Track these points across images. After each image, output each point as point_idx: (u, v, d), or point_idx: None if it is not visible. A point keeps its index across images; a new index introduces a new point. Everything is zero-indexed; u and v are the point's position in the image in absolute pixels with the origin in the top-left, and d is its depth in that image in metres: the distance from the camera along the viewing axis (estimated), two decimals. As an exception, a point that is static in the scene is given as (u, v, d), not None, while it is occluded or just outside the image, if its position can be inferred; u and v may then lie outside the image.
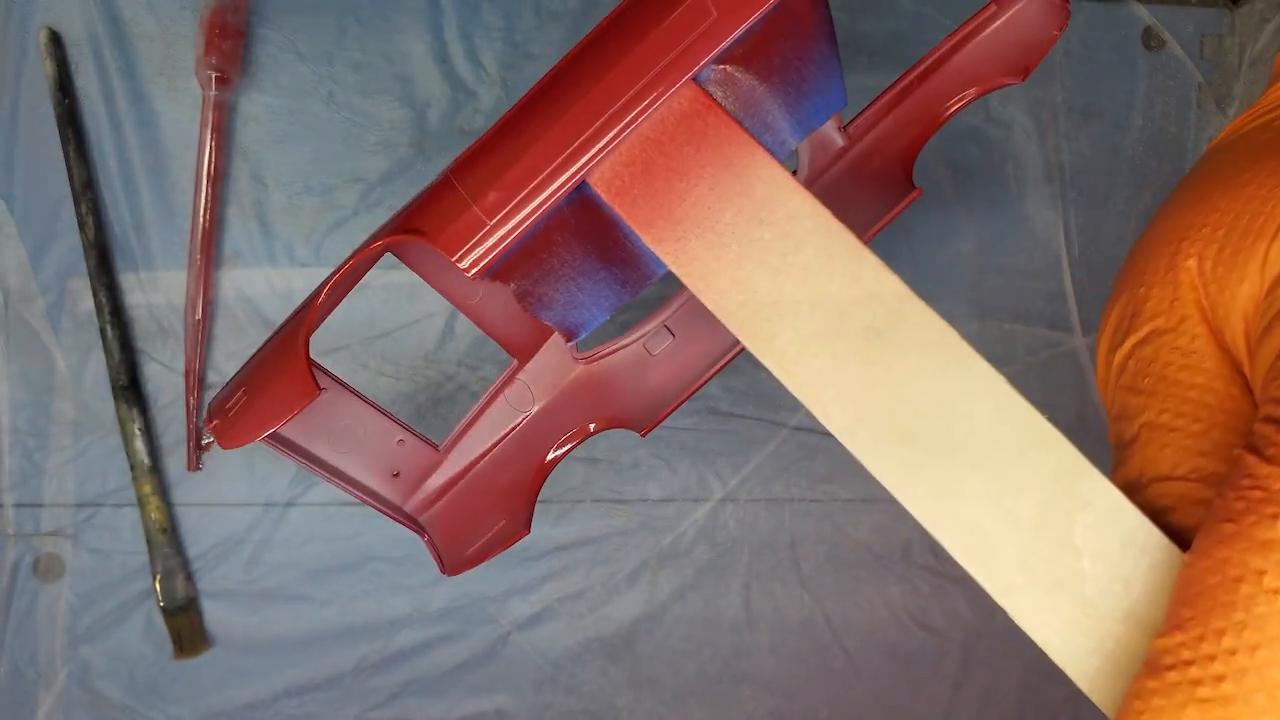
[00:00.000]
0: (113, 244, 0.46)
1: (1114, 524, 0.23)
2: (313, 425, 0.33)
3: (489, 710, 0.49)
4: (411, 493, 0.36)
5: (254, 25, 0.47)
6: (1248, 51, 0.54)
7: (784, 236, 0.24)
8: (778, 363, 0.25)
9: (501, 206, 0.25)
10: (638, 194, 0.25)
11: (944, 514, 0.24)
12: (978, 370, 0.24)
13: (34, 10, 0.45)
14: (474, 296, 0.34)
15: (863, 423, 0.24)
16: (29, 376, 0.45)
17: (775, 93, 0.28)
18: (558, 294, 0.30)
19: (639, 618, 0.50)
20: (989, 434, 0.23)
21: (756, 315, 0.25)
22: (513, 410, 0.37)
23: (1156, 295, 0.25)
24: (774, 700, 0.51)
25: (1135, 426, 0.24)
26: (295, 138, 0.47)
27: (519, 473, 0.36)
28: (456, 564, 0.35)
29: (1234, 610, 0.19)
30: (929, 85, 0.35)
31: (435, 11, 0.48)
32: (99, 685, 0.46)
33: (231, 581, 0.47)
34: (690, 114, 0.25)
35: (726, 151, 0.25)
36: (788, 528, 0.51)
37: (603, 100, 0.24)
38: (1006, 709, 0.53)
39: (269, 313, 0.47)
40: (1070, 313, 0.53)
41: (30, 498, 0.46)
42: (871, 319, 0.24)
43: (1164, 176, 0.53)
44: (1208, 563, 0.20)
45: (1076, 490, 0.23)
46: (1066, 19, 0.33)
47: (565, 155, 0.25)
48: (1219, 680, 0.19)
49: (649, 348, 0.36)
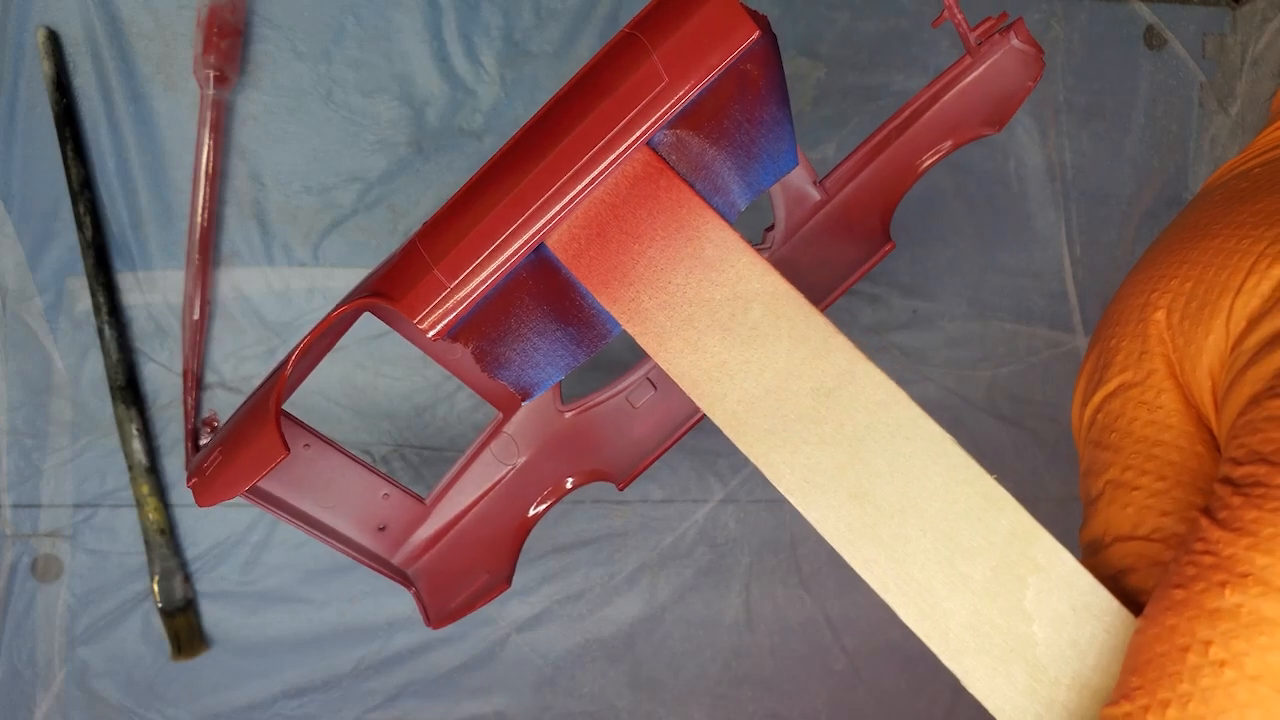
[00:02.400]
0: (110, 243, 0.46)
1: (1066, 588, 0.22)
2: (296, 480, 0.33)
3: (488, 712, 0.49)
4: (398, 547, 0.36)
5: (252, 24, 0.46)
6: (1249, 50, 0.53)
7: (733, 298, 0.25)
8: (727, 422, 0.25)
9: (460, 269, 0.25)
10: (593, 256, 0.26)
11: (895, 576, 0.24)
12: (928, 431, 0.24)
13: (32, 9, 0.45)
14: (455, 353, 0.34)
15: (812, 483, 0.24)
16: (26, 376, 0.45)
17: (727, 155, 0.28)
18: (515, 354, 0.30)
19: (639, 619, 0.50)
20: (941, 495, 0.23)
21: (707, 375, 0.25)
22: (498, 463, 0.37)
23: (1126, 348, 0.25)
24: (774, 701, 0.51)
25: (1100, 483, 0.24)
26: (293, 137, 0.47)
27: (502, 527, 0.36)
28: (441, 617, 0.35)
29: (1180, 681, 0.19)
30: (905, 139, 0.35)
31: (434, 11, 0.48)
32: (97, 686, 0.46)
33: (229, 583, 0.47)
34: (643, 177, 0.25)
35: (678, 214, 0.25)
36: (788, 528, 0.51)
37: (559, 165, 0.25)
38: (1008, 710, 0.52)
39: (267, 312, 0.47)
40: (1072, 312, 0.52)
41: (28, 498, 0.45)
42: (820, 379, 0.24)
43: (1166, 175, 0.53)
44: (1156, 630, 0.20)
45: (1029, 553, 0.23)
46: (1041, 69, 0.33)
47: (523, 219, 0.25)
48: None
49: (631, 400, 0.36)
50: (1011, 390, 0.51)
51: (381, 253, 0.48)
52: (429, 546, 0.36)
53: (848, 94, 0.51)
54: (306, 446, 0.34)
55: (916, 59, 0.51)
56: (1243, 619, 0.18)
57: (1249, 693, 0.18)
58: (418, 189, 0.48)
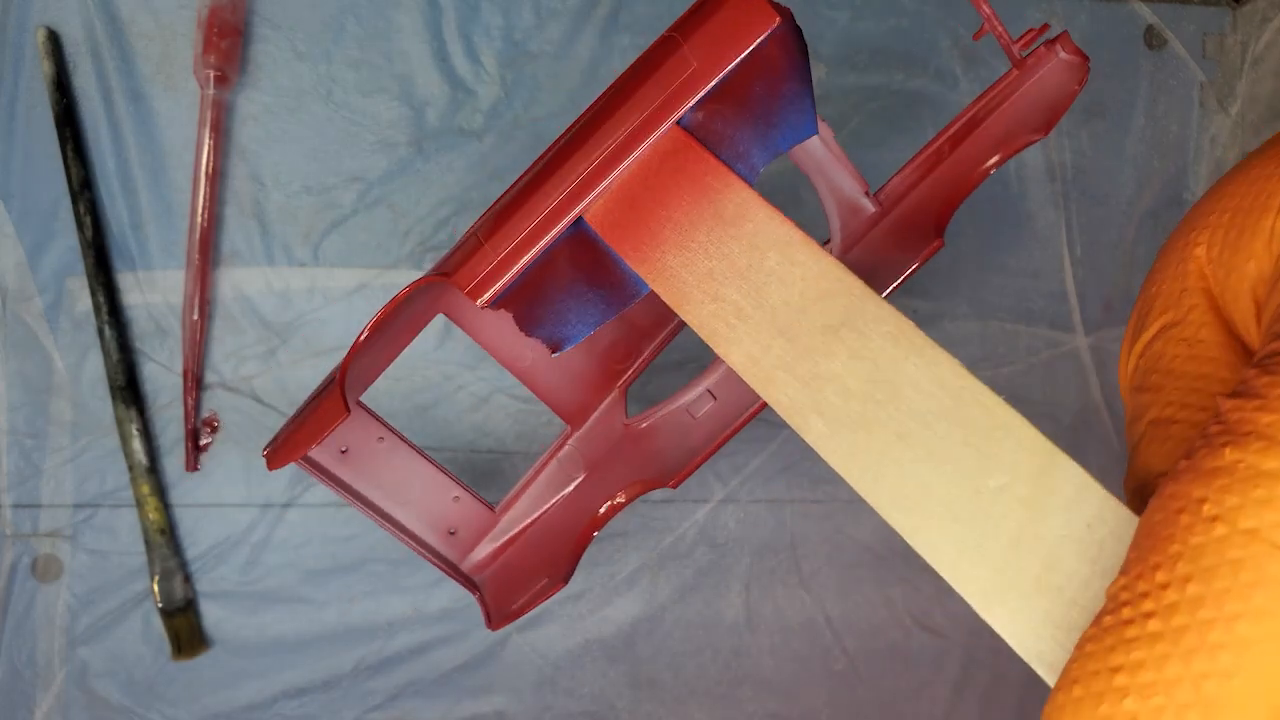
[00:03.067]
0: (111, 243, 0.46)
1: (1081, 505, 0.23)
2: (370, 471, 0.36)
3: (488, 712, 0.49)
4: (467, 552, 0.38)
5: (252, 24, 0.46)
6: (1250, 50, 0.53)
7: (750, 249, 0.27)
8: (743, 364, 0.26)
9: (507, 244, 0.28)
10: (625, 225, 0.28)
11: (906, 500, 0.24)
12: (936, 358, 0.25)
13: (32, 9, 0.45)
14: (524, 359, 0.37)
15: (823, 414, 0.25)
16: (26, 376, 0.45)
17: (749, 126, 0.30)
18: (550, 314, 0.32)
19: (639, 619, 0.50)
20: (952, 418, 0.24)
21: (724, 322, 0.27)
22: (565, 474, 0.39)
23: (1166, 291, 0.24)
24: (774, 701, 0.51)
25: (1141, 426, 0.24)
26: (294, 137, 0.47)
27: (566, 534, 0.37)
28: (502, 618, 0.36)
29: (1171, 543, 0.18)
30: (960, 152, 0.36)
31: (434, 10, 0.48)
32: (97, 686, 0.46)
33: (230, 582, 0.47)
34: (672, 152, 0.28)
35: (702, 180, 0.28)
36: (788, 528, 0.51)
37: (597, 149, 0.28)
38: (1007, 710, 0.52)
39: (267, 312, 0.47)
40: (1072, 312, 0.52)
41: (28, 498, 0.45)
42: (829, 317, 0.26)
43: (1166, 175, 0.53)
44: (1157, 501, 0.19)
45: (1044, 471, 0.23)
46: (1086, 74, 0.34)
47: (564, 197, 0.28)
48: (1147, 618, 0.18)
49: (691, 411, 0.38)
50: (1011, 390, 0.51)
51: (382, 252, 0.48)
52: (496, 555, 0.38)
53: (848, 94, 0.51)
54: (381, 440, 0.36)
55: (917, 59, 0.51)
56: (1239, 474, 0.17)
57: (1240, 548, 0.17)
58: (418, 189, 0.48)
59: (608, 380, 0.39)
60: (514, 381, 0.48)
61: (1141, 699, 0.17)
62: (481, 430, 0.48)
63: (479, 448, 0.48)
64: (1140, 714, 0.17)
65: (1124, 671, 0.18)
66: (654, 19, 0.49)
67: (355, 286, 0.47)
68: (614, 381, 0.39)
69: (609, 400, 0.39)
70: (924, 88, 0.51)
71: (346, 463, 0.35)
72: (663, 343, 0.39)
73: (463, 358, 0.48)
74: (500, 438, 0.48)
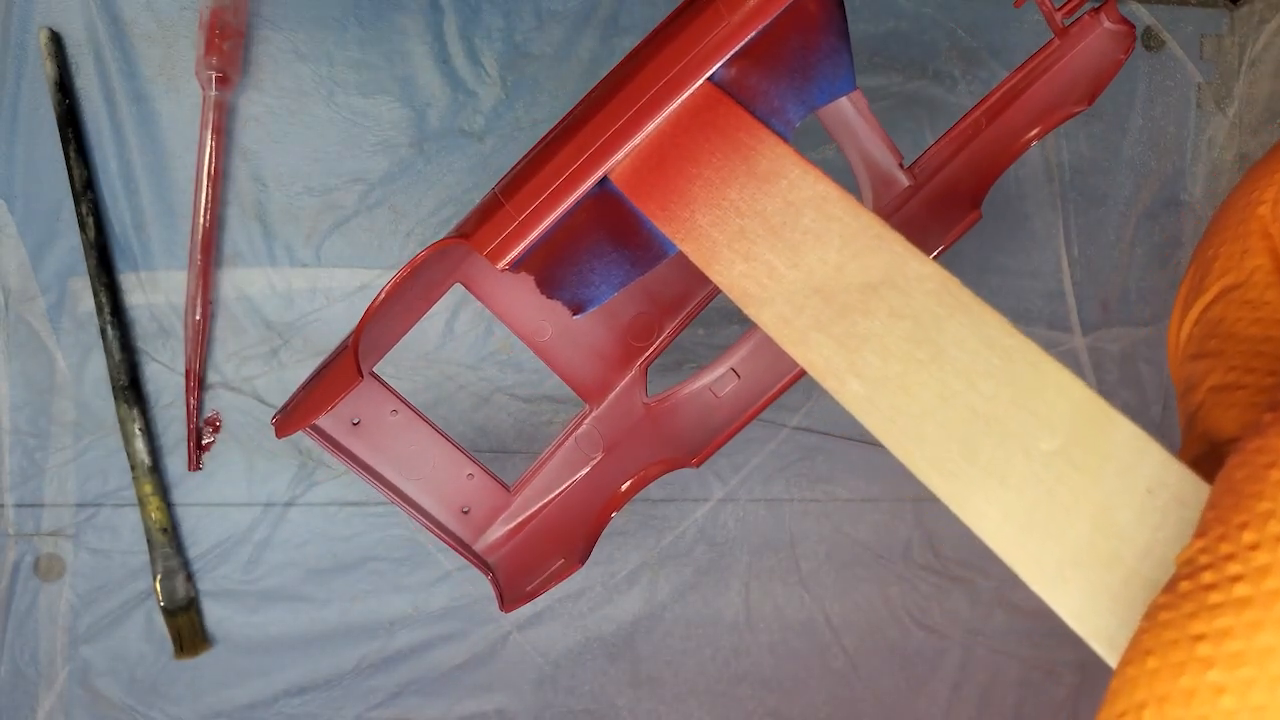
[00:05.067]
0: (113, 244, 0.46)
1: (1140, 468, 0.21)
2: (381, 444, 0.35)
3: (489, 710, 0.49)
4: (481, 532, 0.37)
5: (254, 25, 0.47)
6: (1247, 51, 0.54)
7: (785, 206, 0.26)
8: (774, 324, 0.25)
9: (528, 205, 0.27)
10: (652, 184, 0.27)
11: (957, 474, 0.22)
12: (983, 315, 0.23)
13: (34, 10, 0.45)
14: (543, 334, 0.36)
15: (860, 376, 0.24)
16: (29, 376, 0.46)
17: (784, 80, 0.29)
18: (572, 276, 0.31)
19: (639, 617, 0.50)
20: (999, 376, 0.22)
21: (756, 282, 0.25)
22: (582, 453, 0.38)
23: (1225, 252, 0.23)
24: (774, 699, 0.51)
25: (1200, 394, 0.21)
26: (295, 138, 0.47)
27: (583, 515, 0.36)
28: (515, 599, 0.35)
29: (1260, 500, 0.16)
30: (1000, 123, 0.35)
31: (435, 12, 0.48)
32: (99, 685, 0.46)
33: (232, 581, 0.47)
34: (703, 107, 0.27)
35: (735, 136, 0.26)
36: (787, 527, 0.51)
37: (622, 107, 0.27)
38: (1005, 708, 0.53)
39: (269, 313, 0.47)
40: (1070, 312, 0.53)
41: (31, 497, 0.46)
42: (868, 274, 0.24)
43: (1164, 176, 0.54)
44: (1239, 458, 0.17)
45: (1098, 432, 0.21)
46: (1133, 43, 0.33)
47: (587, 157, 0.27)
48: (1234, 581, 0.16)
49: (715, 390, 0.37)
50: (1010, 390, 0.51)
51: (383, 253, 0.48)
52: (511, 536, 0.37)
53: (847, 95, 0.51)
54: (394, 413, 0.35)
55: (916, 60, 0.51)
56: None
57: None
58: (419, 190, 0.48)
59: (628, 358, 0.38)
60: (514, 381, 0.48)
61: (1228, 670, 0.15)
62: (482, 430, 0.48)
63: (479, 448, 0.48)
64: (1228, 686, 0.15)
65: (1208, 640, 0.16)
66: (653, 21, 0.49)
67: (357, 287, 0.47)
68: (635, 359, 0.38)
69: (629, 378, 0.37)
70: (922, 89, 0.51)
71: (358, 435, 0.34)
72: (685, 320, 0.38)
73: (464, 358, 0.48)
74: (500, 438, 0.48)
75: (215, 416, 0.47)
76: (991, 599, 0.52)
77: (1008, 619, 0.52)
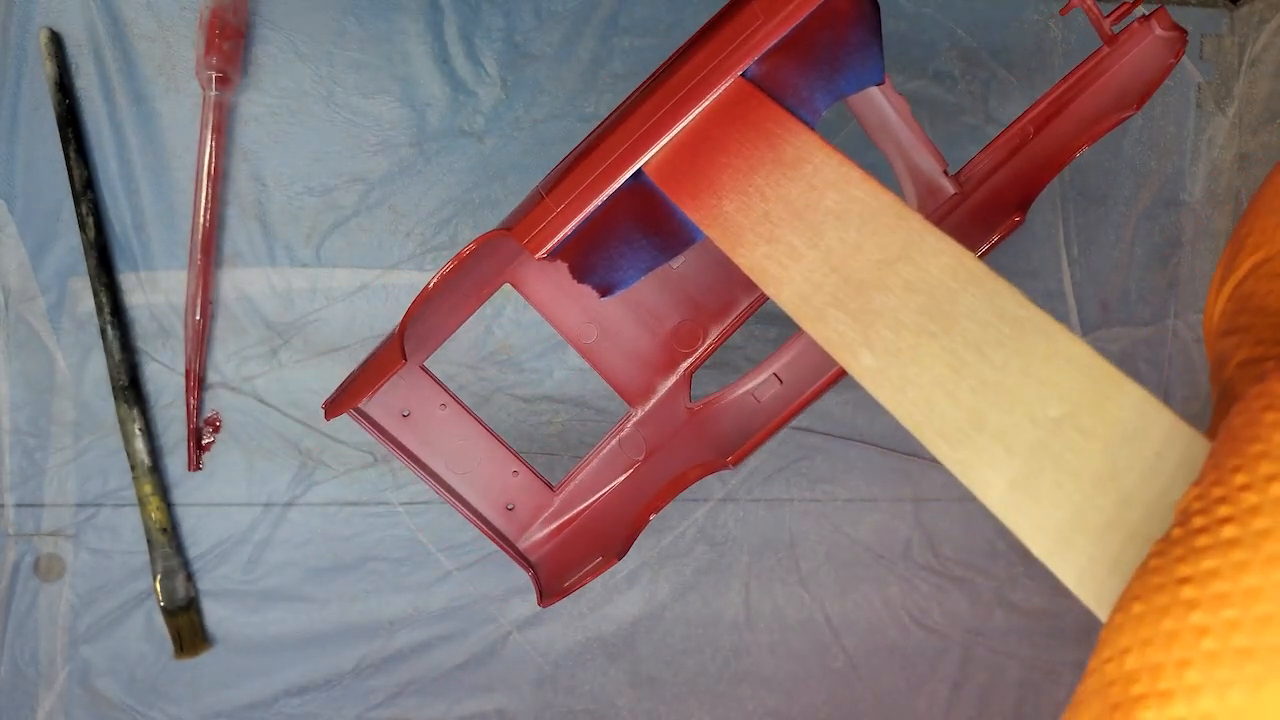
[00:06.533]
0: (113, 244, 0.46)
1: (1148, 432, 0.21)
2: (430, 437, 0.36)
3: (489, 710, 0.49)
4: (524, 530, 0.38)
5: (254, 26, 0.47)
6: (1247, 51, 0.54)
7: (808, 189, 0.27)
8: (793, 303, 0.26)
9: (567, 196, 0.29)
10: (684, 173, 0.28)
11: (963, 442, 0.23)
12: (996, 288, 0.24)
13: (34, 11, 0.45)
14: (589, 336, 0.37)
15: (873, 348, 0.24)
16: (29, 376, 0.46)
17: (813, 72, 0.30)
18: (602, 261, 0.32)
19: (639, 617, 0.50)
20: (1010, 346, 0.23)
21: (776, 262, 0.27)
22: (625, 455, 0.39)
23: (1260, 227, 0.22)
24: (774, 699, 0.51)
25: (1230, 369, 0.21)
26: (295, 138, 0.47)
27: (623, 516, 0.37)
28: (553, 594, 0.36)
29: (1254, 442, 0.16)
30: (1050, 130, 0.36)
31: (435, 12, 0.48)
32: (99, 685, 0.46)
33: (232, 581, 0.47)
34: (735, 101, 0.28)
35: (764, 127, 0.28)
36: (787, 527, 0.51)
37: (658, 105, 0.28)
38: (1005, 707, 0.53)
39: (269, 312, 0.47)
40: (1070, 312, 0.53)
41: (31, 498, 0.46)
42: (886, 251, 0.25)
43: (1163, 176, 0.54)
44: (1240, 405, 0.17)
45: (1109, 402, 0.21)
46: (1184, 48, 0.33)
47: (624, 151, 0.28)
48: (1223, 524, 0.15)
49: (757, 395, 0.38)
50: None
51: (383, 253, 0.48)
52: (554, 535, 0.38)
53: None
54: (443, 406, 0.36)
55: (915, 60, 0.51)
56: None
57: None
58: (419, 189, 0.48)
59: (672, 363, 0.39)
60: (514, 381, 0.48)
61: (1211, 611, 0.15)
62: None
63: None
64: (1210, 628, 0.15)
65: (1192, 583, 0.15)
66: (653, 21, 0.49)
67: (357, 287, 0.47)
68: (678, 364, 0.39)
69: (673, 383, 0.38)
70: (923, 89, 0.51)
71: (408, 426, 0.36)
72: (730, 328, 0.38)
73: (464, 358, 0.48)
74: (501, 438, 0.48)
75: (215, 416, 0.47)
76: (991, 599, 0.52)
77: (1008, 619, 0.52)
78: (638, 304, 0.37)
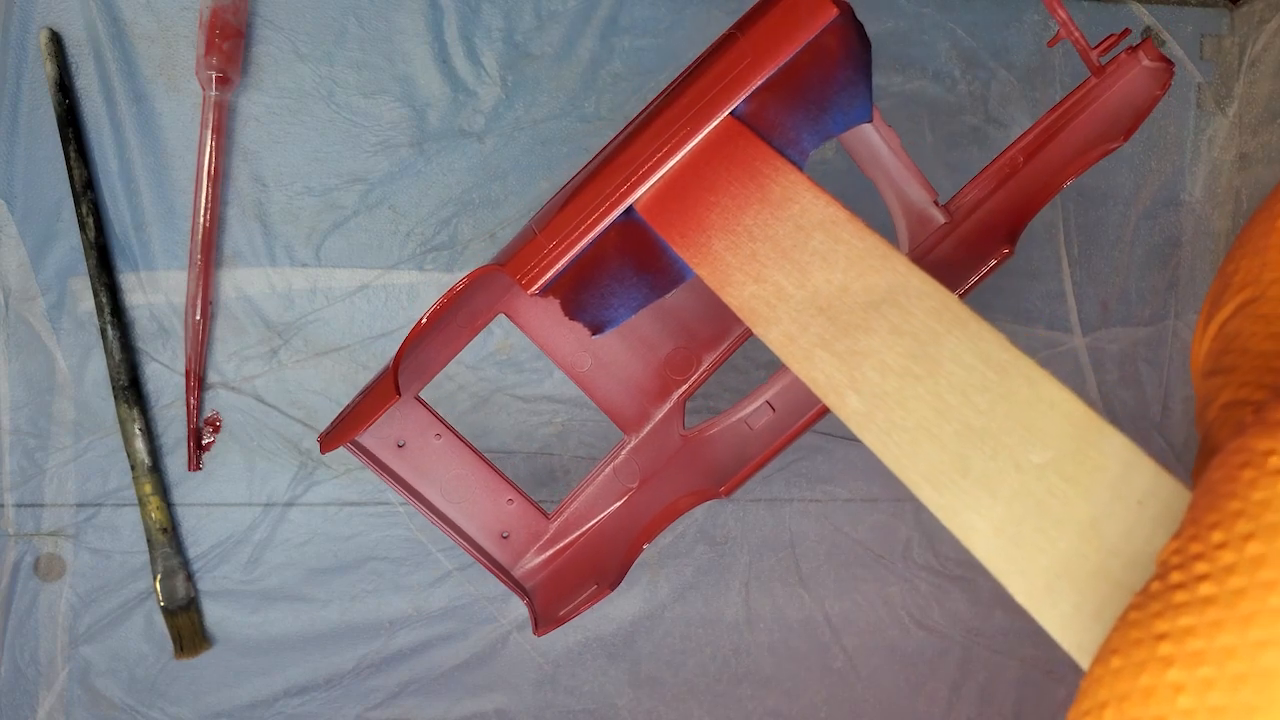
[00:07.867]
0: (113, 244, 0.46)
1: (1131, 481, 0.21)
2: (425, 467, 0.36)
3: (489, 710, 0.49)
4: (519, 557, 0.39)
5: (254, 26, 0.47)
6: (1247, 51, 0.54)
7: (796, 229, 0.27)
8: (780, 343, 0.26)
9: (559, 233, 0.29)
10: (674, 212, 0.29)
11: (948, 486, 0.23)
12: (981, 332, 0.24)
13: (34, 11, 0.45)
14: (583, 365, 0.37)
15: (859, 391, 0.25)
16: (30, 376, 0.46)
17: (801, 112, 0.31)
18: (594, 299, 0.33)
19: (639, 617, 0.50)
20: (995, 390, 0.23)
21: (764, 302, 0.27)
22: (620, 483, 0.39)
23: (1245, 267, 0.22)
24: (774, 699, 0.51)
25: (1214, 411, 0.21)
26: (295, 138, 0.47)
27: (617, 544, 0.38)
28: (549, 623, 0.36)
29: (1231, 499, 0.16)
30: (1037, 162, 0.36)
31: (435, 12, 0.48)
32: (100, 684, 0.46)
33: (232, 581, 0.47)
34: (724, 140, 0.28)
35: (752, 166, 0.28)
36: (787, 527, 0.51)
37: (651, 142, 0.29)
38: (1005, 708, 0.53)
39: (269, 313, 0.47)
40: (1070, 313, 0.53)
41: (31, 498, 0.46)
42: (872, 293, 0.25)
43: (1163, 176, 0.54)
44: (1218, 459, 0.17)
45: (1091, 445, 0.22)
46: (1171, 78, 0.33)
47: (615, 189, 0.29)
48: (1200, 581, 0.16)
49: (750, 423, 0.38)
50: (1010, 390, 0.51)
51: (383, 253, 0.48)
52: (548, 563, 0.39)
53: (847, 95, 0.51)
54: (438, 437, 0.37)
55: (915, 61, 0.51)
56: None
57: None
58: (419, 190, 0.48)
59: (666, 390, 0.39)
60: (514, 381, 0.48)
61: (1188, 669, 0.15)
62: (482, 430, 0.48)
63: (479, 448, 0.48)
64: (1186, 686, 0.15)
65: (1169, 639, 0.16)
66: (653, 21, 0.49)
67: (357, 287, 0.47)
68: (672, 391, 0.39)
69: (667, 410, 0.39)
70: (922, 89, 0.51)
71: (403, 457, 0.36)
72: (723, 355, 0.39)
73: (464, 357, 0.48)
74: (500, 438, 0.48)
75: (215, 416, 0.47)
76: (991, 599, 0.52)
77: (1008, 619, 0.52)
78: (631, 331, 0.37)
